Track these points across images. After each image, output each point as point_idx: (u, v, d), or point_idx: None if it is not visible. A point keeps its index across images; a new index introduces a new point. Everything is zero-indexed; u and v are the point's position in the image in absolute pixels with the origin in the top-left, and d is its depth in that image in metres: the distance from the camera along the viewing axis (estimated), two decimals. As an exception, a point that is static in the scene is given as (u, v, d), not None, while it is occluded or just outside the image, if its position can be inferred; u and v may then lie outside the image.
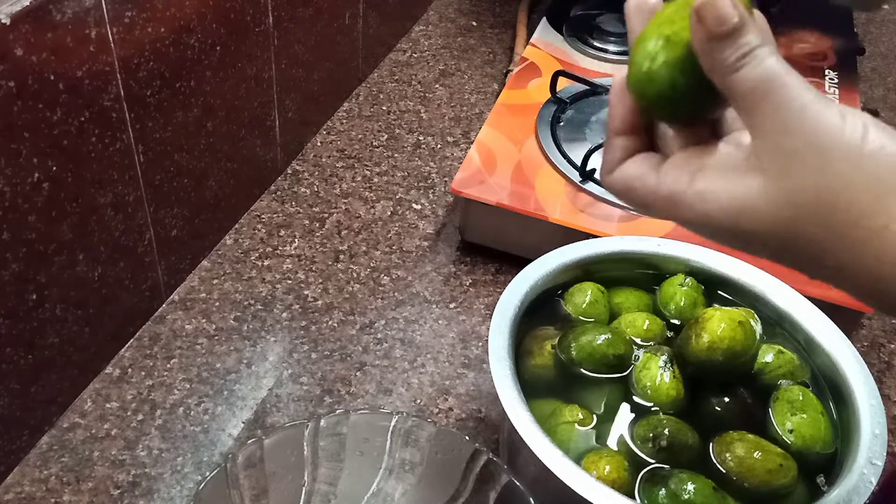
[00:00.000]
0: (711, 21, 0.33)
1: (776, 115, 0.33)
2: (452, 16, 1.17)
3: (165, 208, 0.69)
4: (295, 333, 0.72)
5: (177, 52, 0.65)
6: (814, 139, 0.32)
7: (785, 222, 0.33)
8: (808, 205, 0.32)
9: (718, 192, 0.35)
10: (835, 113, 0.32)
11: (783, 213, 0.33)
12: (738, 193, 0.34)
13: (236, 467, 0.50)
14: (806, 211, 0.32)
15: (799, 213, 0.32)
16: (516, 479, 0.50)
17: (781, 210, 0.33)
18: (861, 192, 0.31)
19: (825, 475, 0.54)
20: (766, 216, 0.33)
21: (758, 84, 0.33)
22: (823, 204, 0.32)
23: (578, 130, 0.85)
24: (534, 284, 0.61)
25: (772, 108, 0.33)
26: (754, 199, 0.33)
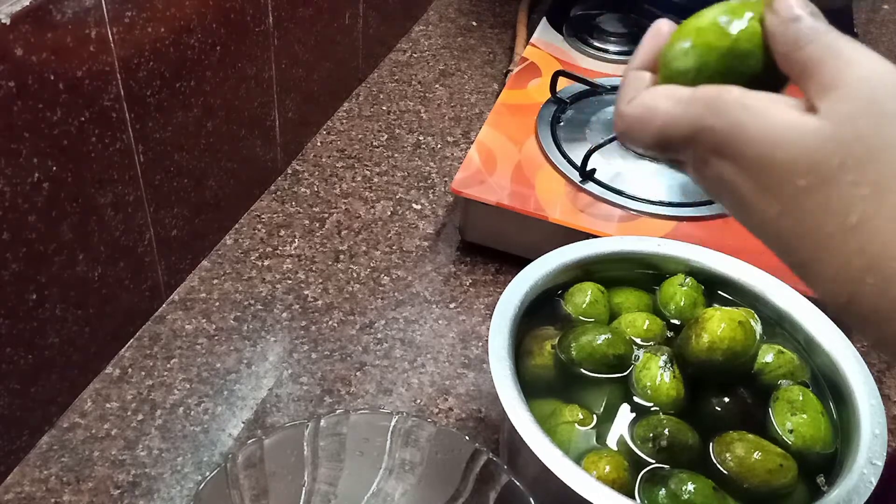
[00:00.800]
0: (783, 9, 0.34)
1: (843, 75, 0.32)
2: (452, 16, 1.17)
3: (165, 208, 0.69)
4: (295, 333, 0.72)
5: (177, 52, 0.65)
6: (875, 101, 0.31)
7: (828, 163, 0.31)
8: (858, 155, 0.30)
9: (767, 109, 0.32)
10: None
11: (830, 155, 0.31)
12: (789, 119, 0.32)
13: (236, 467, 0.50)
14: (854, 161, 0.30)
15: (846, 162, 0.30)
16: (516, 479, 0.50)
17: (830, 152, 0.31)
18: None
19: (825, 475, 0.54)
20: (812, 151, 0.31)
21: (823, 54, 0.33)
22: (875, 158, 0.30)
23: (578, 130, 0.85)
24: (534, 284, 0.61)
25: (838, 70, 0.32)
26: (804, 130, 0.31)
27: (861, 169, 0.30)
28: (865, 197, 0.30)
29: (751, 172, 0.33)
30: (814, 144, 0.31)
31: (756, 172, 0.33)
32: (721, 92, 0.34)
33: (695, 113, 0.34)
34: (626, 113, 0.37)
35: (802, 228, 0.32)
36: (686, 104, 0.35)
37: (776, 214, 0.33)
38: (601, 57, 0.98)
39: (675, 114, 0.35)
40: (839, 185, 0.30)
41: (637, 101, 0.37)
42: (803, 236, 0.32)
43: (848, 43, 0.33)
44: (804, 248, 0.32)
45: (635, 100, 0.37)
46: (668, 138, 0.35)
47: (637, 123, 0.37)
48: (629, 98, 0.37)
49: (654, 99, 0.36)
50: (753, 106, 0.33)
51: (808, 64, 0.33)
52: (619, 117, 0.38)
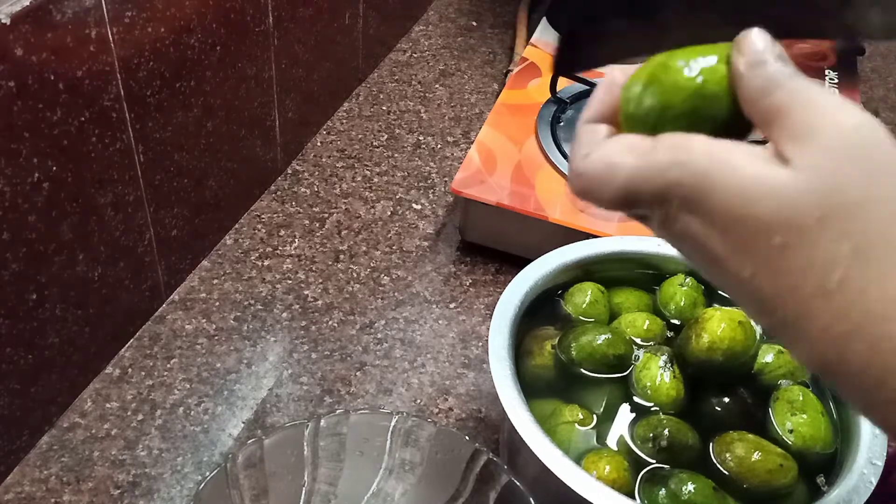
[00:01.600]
0: (749, 51, 0.31)
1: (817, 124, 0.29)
2: (452, 16, 1.17)
3: (165, 208, 0.69)
4: (295, 333, 0.72)
5: (177, 52, 0.65)
6: (857, 150, 0.28)
7: (806, 218, 0.28)
8: (839, 209, 0.28)
9: (737, 160, 0.30)
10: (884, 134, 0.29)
11: (809, 210, 0.28)
12: (761, 171, 0.29)
13: (236, 467, 0.50)
14: (835, 216, 0.28)
15: (826, 217, 0.28)
16: (516, 479, 0.50)
17: (808, 206, 0.28)
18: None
19: (825, 475, 0.54)
20: (788, 206, 0.28)
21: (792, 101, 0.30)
22: (858, 213, 0.28)
23: (578, 130, 0.85)
24: (534, 284, 0.61)
25: (810, 118, 0.29)
26: (777, 182, 0.29)
27: (843, 225, 0.28)
28: (848, 255, 0.28)
29: (721, 229, 0.30)
30: (789, 198, 0.28)
31: (727, 229, 0.30)
32: (685, 141, 0.31)
33: (659, 166, 0.31)
34: (583, 170, 0.34)
35: (780, 289, 0.29)
36: (649, 156, 0.31)
37: (750, 275, 0.30)
38: (601, 57, 0.98)
39: (639, 168, 0.32)
40: (819, 243, 0.28)
41: (594, 156, 0.33)
42: (781, 297, 0.29)
43: (819, 90, 0.30)
44: (781, 308, 0.29)
45: (591, 155, 0.33)
46: (634, 195, 0.32)
47: (597, 181, 0.33)
48: (585, 153, 0.34)
49: (613, 153, 0.33)
50: (721, 157, 0.30)
51: (777, 111, 0.30)
52: (575, 176, 0.34)
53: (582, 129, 0.35)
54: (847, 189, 0.28)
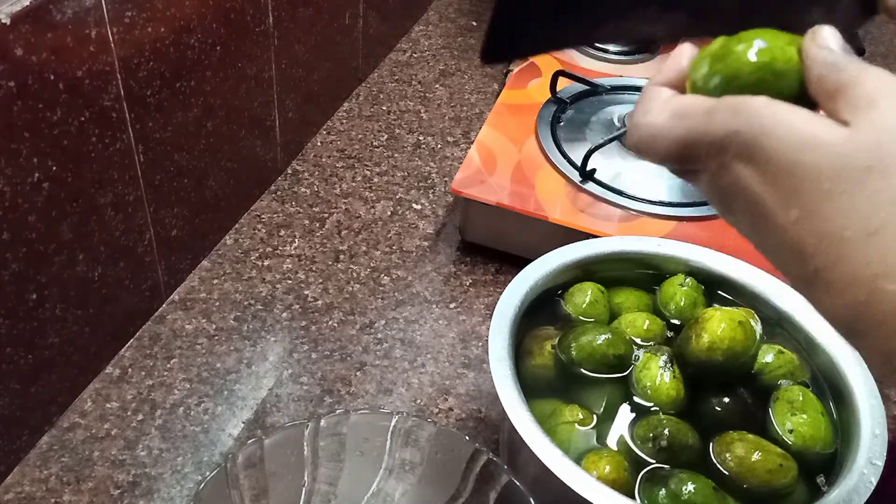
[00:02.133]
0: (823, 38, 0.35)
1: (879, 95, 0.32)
2: (452, 16, 1.17)
3: (165, 208, 0.69)
4: (295, 333, 0.72)
5: (177, 52, 0.65)
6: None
7: (855, 167, 0.31)
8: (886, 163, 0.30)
9: (796, 114, 0.32)
10: None
11: (858, 160, 0.31)
12: (818, 125, 0.32)
13: (236, 467, 0.50)
14: (881, 168, 0.30)
15: (873, 167, 0.31)
16: (516, 479, 0.50)
17: (858, 157, 0.31)
18: None
19: (825, 475, 0.54)
20: (840, 155, 0.31)
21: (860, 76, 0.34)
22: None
23: (578, 130, 0.85)
24: (534, 284, 0.61)
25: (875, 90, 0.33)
26: (833, 136, 0.31)
27: (886, 176, 0.30)
28: (888, 202, 0.30)
29: (773, 176, 0.32)
30: (842, 149, 0.31)
31: (779, 176, 0.32)
32: (747, 99, 0.33)
33: (721, 119, 0.33)
34: (645, 123, 0.36)
35: (821, 233, 0.31)
36: (712, 112, 0.34)
37: (794, 220, 0.32)
38: (601, 57, 0.98)
39: (701, 120, 0.34)
40: (863, 190, 0.30)
41: (658, 110, 0.36)
42: (820, 241, 0.31)
43: (880, 73, 0.34)
44: (820, 253, 0.32)
45: (654, 110, 0.36)
46: (692, 145, 0.35)
47: (660, 132, 0.36)
48: (647, 109, 0.36)
49: (679, 106, 0.35)
50: (781, 113, 0.32)
51: (842, 86, 0.33)
52: (636, 128, 0.37)
53: (648, 89, 0.37)
54: (894, 149, 0.31)
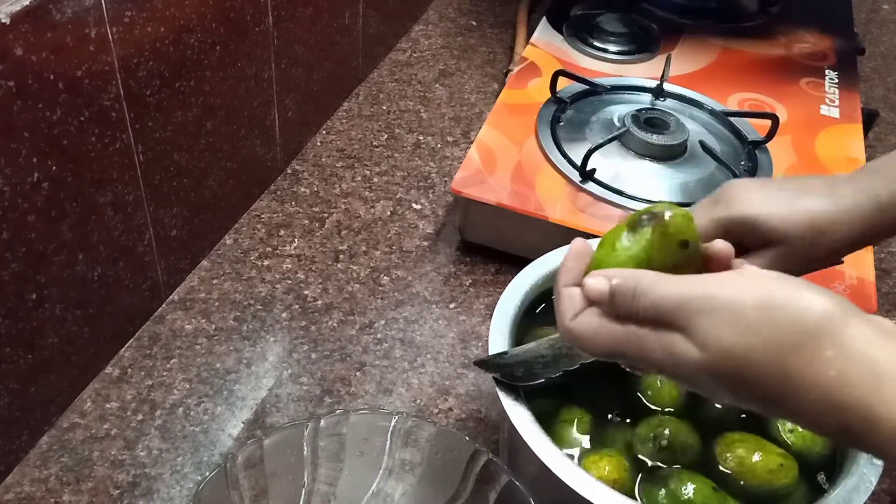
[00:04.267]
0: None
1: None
2: (452, 15, 1.17)
3: (165, 208, 0.69)
4: (295, 333, 0.72)
5: (177, 52, 0.65)
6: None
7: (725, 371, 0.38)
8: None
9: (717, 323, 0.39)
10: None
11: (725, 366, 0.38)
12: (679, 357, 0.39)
13: (236, 467, 0.50)
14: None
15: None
16: (516, 479, 0.50)
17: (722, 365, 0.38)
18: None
19: (825, 475, 0.54)
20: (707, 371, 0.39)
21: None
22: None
23: (578, 130, 0.85)
24: (534, 284, 0.61)
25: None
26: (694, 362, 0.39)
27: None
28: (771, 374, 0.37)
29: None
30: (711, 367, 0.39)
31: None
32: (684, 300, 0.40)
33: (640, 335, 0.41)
34: (574, 330, 0.43)
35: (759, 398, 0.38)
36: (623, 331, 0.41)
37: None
38: (601, 57, 0.98)
39: (618, 339, 0.42)
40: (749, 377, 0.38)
41: (581, 320, 0.43)
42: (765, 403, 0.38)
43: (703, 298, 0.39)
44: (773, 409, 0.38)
45: (578, 318, 0.43)
46: (619, 353, 0.42)
47: (587, 341, 0.43)
48: (570, 315, 0.43)
49: (594, 322, 0.42)
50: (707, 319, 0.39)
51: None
52: (566, 332, 0.44)
53: (561, 292, 0.45)
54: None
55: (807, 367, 0.36)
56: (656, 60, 0.98)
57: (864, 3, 1.34)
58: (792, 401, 0.37)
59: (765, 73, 0.99)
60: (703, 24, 1.06)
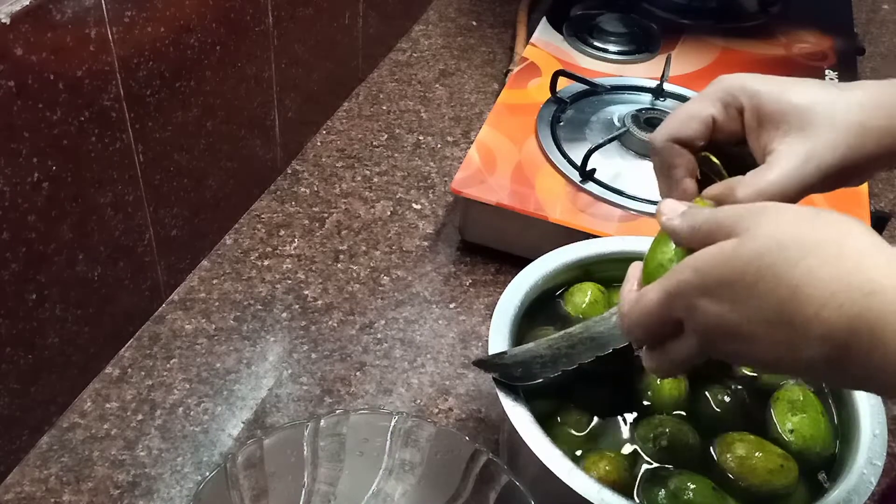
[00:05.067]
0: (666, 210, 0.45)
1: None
2: (452, 15, 1.17)
3: (165, 208, 0.69)
4: (295, 333, 0.72)
5: (177, 52, 0.65)
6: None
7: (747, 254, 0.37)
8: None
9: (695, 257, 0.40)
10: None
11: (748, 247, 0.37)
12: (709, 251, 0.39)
13: (236, 467, 0.50)
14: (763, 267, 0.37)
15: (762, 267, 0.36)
16: (516, 479, 0.50)
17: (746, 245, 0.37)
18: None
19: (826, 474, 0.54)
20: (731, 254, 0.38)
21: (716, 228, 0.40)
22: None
23: (578, 130, 0.85)
24: (534, 284, 0.61)
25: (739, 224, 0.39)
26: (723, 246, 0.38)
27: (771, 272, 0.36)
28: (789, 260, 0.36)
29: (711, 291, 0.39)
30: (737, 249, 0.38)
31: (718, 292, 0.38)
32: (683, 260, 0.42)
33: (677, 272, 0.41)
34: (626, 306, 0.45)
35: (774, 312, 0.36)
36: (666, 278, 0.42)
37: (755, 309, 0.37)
38: (601, 57, 0.98)
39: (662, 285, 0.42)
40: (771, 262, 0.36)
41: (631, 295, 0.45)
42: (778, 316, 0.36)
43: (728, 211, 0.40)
44: (786, 324, 0.36)
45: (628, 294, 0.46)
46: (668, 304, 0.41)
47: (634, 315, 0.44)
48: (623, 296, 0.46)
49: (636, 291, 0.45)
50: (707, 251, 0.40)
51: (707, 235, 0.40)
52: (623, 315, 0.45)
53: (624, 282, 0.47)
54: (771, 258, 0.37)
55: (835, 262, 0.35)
56: (656, 60, 0.98)
57: (864, 3, 1.34)
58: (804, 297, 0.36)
59: (765, 73, 0.98)
60: (703, 24, 1.06)
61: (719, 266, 0.38)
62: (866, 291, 0.34)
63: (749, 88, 0.47)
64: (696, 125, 0.48)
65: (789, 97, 0.46)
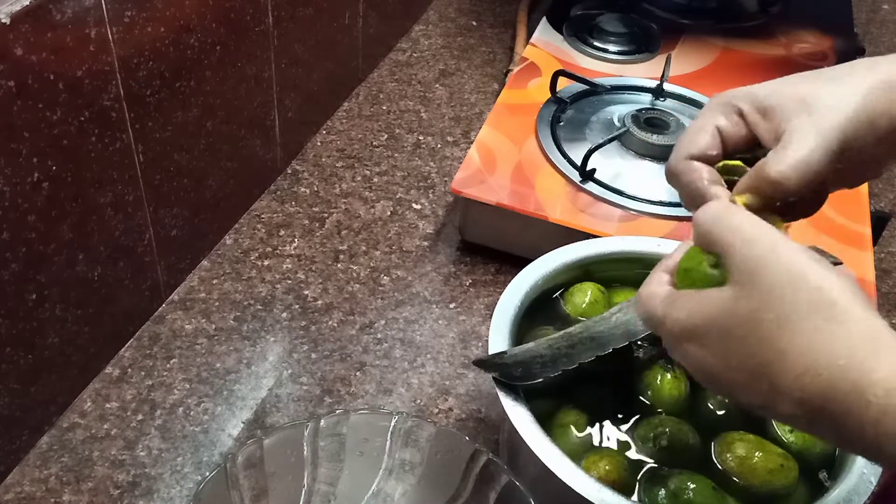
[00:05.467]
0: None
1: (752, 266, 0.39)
2: (452, 15, 1.17)
3: (165, 208, 0.69)
4: (295, 333, 0.72)
5: (177, 52, 0.65)
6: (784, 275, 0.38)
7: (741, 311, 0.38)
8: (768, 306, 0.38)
9: (698, 296, 0.41)
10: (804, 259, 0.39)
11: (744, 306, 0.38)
12: (713, 294, 0.40)
13: (236, 467, 0.50)
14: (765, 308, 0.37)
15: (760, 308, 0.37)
16: (516, 479, 0.50)
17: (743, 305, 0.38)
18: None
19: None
20: (731, 307, 0.39)
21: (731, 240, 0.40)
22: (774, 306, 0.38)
23: (578, 130, 0.85)
24: (534, 284, 0.61)
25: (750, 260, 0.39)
26: (722, 297, 0.39)
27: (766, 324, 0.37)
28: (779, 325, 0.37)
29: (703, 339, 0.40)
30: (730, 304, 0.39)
31: (706, 339, 0.40)
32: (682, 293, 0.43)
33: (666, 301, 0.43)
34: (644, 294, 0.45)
35: (753, 367, 0.38)
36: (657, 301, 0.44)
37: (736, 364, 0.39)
38: (601, 57, 0.98)
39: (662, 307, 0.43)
40: (760, 324, 0.37)
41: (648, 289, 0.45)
42: (757, 372, 0.38)
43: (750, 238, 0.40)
44: (764, 378, 0.38)
45: (651, 285, 0.46)
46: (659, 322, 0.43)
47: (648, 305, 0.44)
48: (647, 284, 0.46)
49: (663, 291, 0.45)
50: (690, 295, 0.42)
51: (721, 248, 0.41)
52: (638, 297, 0.46)
53: (653, 271, 0.47)
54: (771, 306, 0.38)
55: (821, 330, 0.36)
56: (656, 60, 0.98)
57: (864, 3, 1.34)
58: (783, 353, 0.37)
59: (765, 73, 0.98)
60: (703, 24, 1.06)
61: (713, 315, 0.39)
62: (841, 362, 0.35)
63: (743, 92, 0.48)
64: (705, 137, 0.48)
65: (784, 88, 0.47)
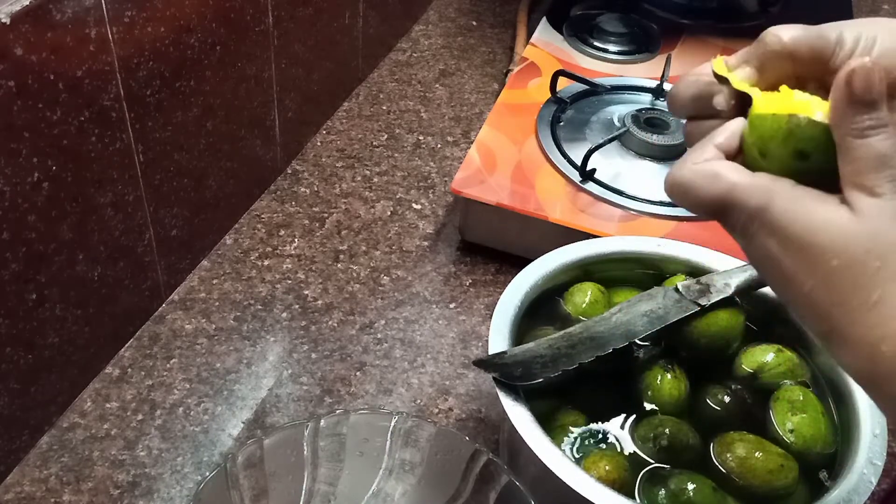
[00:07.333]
0: (859, 86, 0.37)
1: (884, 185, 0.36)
2: (452, 15, 1.17)
3: (165, 208, 0.69)
4: (295, 333, 0.72)
5: (177, 52, 0.65)
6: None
7: (857, 249, 0.36)
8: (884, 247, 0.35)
9: (811, 203, 0.37)
10: None
11: (861, 243, 0.36)
12: (829, 213, 0.37)
13: (236, 467, 0.50)
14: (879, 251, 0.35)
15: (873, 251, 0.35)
16: (516, 479, 0.50)
17: (861, 241, 0.36)
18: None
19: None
20: (845, 239, 0.36)
21: (879, 156, 0.36)
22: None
23: (578, 130, 0.85)
24: (534, 284, 0.61)
25: (883, 179, 0.36)
26: (844, 224, 0.36)
27: (882, 258, 0.35)
28: (885, 280, 0.35)
29: (794, 251, 0.37)
30: (847, 235, 0.36)
31: (797, 252, 0.37)
32: (776, 183, 0.38)
33: (755, 192, 0.38)
34: (689, 172, 0.40)
35: (832, 301, 0.37)
36: (748, 186, 0.39)
37: (809, 289, 0.37)
38: (601, 57, 0.98)
39: (739, 185, 0.39)
40: (865, 268, 0.35)
41: (706, 165, 0.40)
42: (832, 307, 0.37)
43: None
44: (832, 318, 0.37)
45: (702, 164, 0.40)
46: (728, 206, 0.39)
47: (701, 184, 0.40)
48: (695, 160, 0.40)
49: (722, 167, 0.40)
50: (801, 197, 0.38)
51: (862, 170, 0.36)
52: (679, 176, 0.41)
53: (700, 143, 0.42)
54: (890, 237, 0.36)
55: None
56: (656, 60, 0.98)
57: (864, 3, 1.34)
58: None
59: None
60: (703, 24, 1.06)
61: (817, 230, 0.37)
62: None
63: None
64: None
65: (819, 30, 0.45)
